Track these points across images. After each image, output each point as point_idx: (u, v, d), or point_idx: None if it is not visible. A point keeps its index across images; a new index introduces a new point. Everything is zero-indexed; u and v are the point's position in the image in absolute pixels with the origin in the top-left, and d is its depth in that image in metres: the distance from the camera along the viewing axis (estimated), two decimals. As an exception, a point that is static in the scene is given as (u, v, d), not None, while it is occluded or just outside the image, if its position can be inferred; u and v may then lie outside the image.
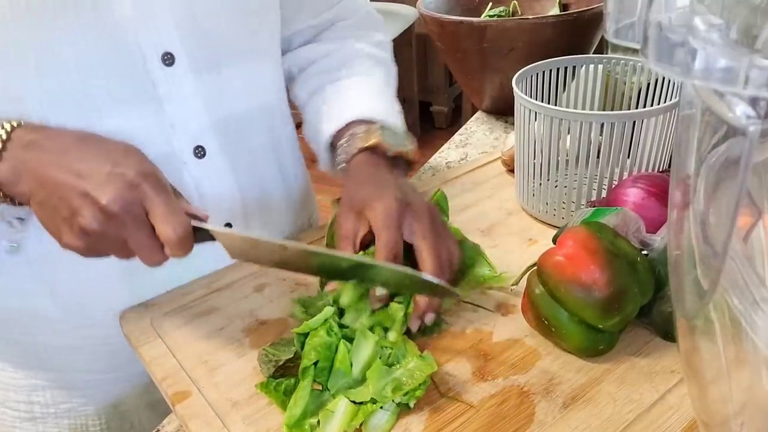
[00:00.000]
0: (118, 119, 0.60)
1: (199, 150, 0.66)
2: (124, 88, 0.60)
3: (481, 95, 1.17)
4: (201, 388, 0.57)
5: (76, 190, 0.49)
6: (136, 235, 0.51)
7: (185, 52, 0.62)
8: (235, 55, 0.67)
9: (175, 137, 0.64)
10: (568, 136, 0.71)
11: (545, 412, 0.53)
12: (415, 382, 0.52)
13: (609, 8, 0.32)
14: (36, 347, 0.72)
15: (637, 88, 0.83)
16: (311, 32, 0.81)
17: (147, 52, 0.60)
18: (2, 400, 0.75)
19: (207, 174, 0.68)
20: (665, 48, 0.26)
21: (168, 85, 0.62)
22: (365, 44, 0.81)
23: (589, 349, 0.56)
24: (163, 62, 0.61)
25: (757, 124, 0.25)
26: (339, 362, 0.54)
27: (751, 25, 0.31)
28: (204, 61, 0.64)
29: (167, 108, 0.63)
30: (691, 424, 0.50)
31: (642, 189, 0.66)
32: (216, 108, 0.66)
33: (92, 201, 0.49)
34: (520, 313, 0.61)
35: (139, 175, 0.50)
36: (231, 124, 0.68)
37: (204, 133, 0.66)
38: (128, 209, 0.49)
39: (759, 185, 0.32)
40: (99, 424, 0.77)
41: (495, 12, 1.23)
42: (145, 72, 0.60)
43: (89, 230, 0.49)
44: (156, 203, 0.50)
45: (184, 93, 0.63)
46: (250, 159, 0.72)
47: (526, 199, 0.80)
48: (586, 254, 0.54)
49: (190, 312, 0.67)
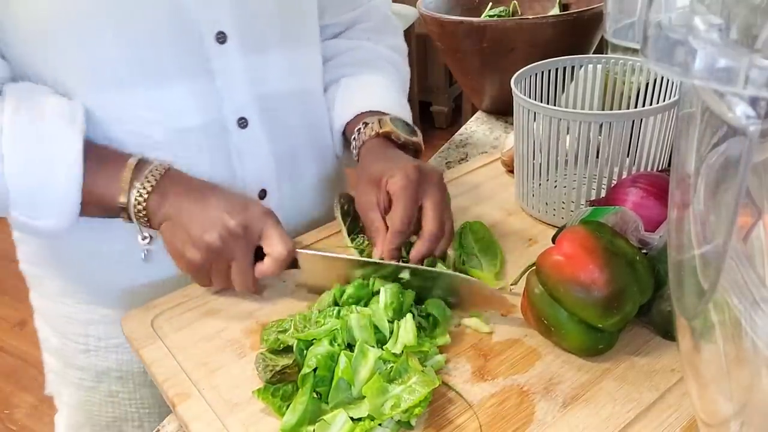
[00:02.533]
0: (177, 87, 0.67)
1: (242, 121, 0.73)
2: (183, 60, 0.67)
3: (481, 95, 1.17)
4: (201, 390, 0.57)
5: (213, 215, 0.63)
6: (242, 256, 0.63)
7: (236, 33, 0.69)
8: (279, 39, 0.73)
9: (223, 107, 0.71)
10: (567, 136, 0.71)
11: (545, 411, 0.53)
12: (416, 399, 0.50)
13: (609, 8, 0.32)
14: (94, 285, 0.78)
15: (636, 88, 0.83)
16: (335, 30, 0.88)
17: (204, 30, 0.67)
18: (64, 332, 0.82)
19: (247, 143, 0.74)
20: (665, 48, 0.26)
21: (219, 60, 0.69)
22: (382, 47, 0.88)
23: (589, 348, 0.56)
24: (216, 40, 0.68)
25: (757, 124, 0.25)
26: (340, 374, 0.53)
27: (751, 25, 0.31)
28: (252, 42, 0.70)
29: (217, 81, 0.69)
30: (691, 424, 0.50)
31: (641, 188, 0.66)
32: (259, 84, 0.73)
33: (224, 225, 0.62)
34: (520, 313, 0.61)
35: (264, 211, 0.65)
36: (272, 101, 0.75)
37: (247, 106, 0.72)
38: (248, 234, 0.63)
39: (759, 185, 0.32)
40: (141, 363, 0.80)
41: (495, 12, 1.23)
42: (202, 48, 0.67)
43: (212, 245, 0.62)
44: (275, 230, 0.64)
45: (233, 69, 0.70)
46: (287, 134, 0.78)
47: (525, 199, 0.80)
48: (585, 254, 0.54)
49: (191, 314, 0.67)
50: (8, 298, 2.41)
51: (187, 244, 0.63)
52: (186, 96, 0.68)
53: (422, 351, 0.56)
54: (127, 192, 0.64)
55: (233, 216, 0.63)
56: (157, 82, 0.66)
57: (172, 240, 0.64)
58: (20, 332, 2.28)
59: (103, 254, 0.74)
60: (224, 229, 0.62)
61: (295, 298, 0.68)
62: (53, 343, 0.84)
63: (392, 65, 0.88)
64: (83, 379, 0.83)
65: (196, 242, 0.62)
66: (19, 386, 2.05)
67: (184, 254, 0.63)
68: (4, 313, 2.36)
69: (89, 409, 0.85)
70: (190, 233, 0.63)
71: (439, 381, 0.53)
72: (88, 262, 0.76)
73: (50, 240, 0.76)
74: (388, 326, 0.58)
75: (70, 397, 0.86)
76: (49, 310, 0.83)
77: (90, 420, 0.86)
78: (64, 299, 0.80)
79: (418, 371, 0.53)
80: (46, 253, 0.78)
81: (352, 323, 0.56)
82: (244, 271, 0.64)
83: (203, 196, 0.65)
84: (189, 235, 0.63)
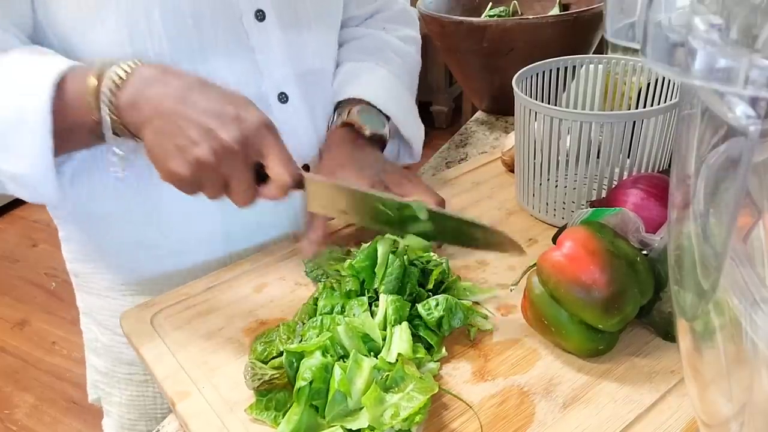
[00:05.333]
0: (219, 62, 0.70)
1: (282, 96, 0.75)
2: (225, 36, 0.69)
3: (481, 95, 1.17)
4: (201, 388, 0.57)
5: (200, 124, 0.55)
6: (241, 174, 0.57)
7: (274, 11, 0.72)
8: (312, 18, 0.77)
9: (263, 82, 0.74)
10: (568, 136, 0.71)
11: (545, 412, 0.53)
12: (415, 407, 0.49)
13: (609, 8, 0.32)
14: (139, 275, 0.79)
15: (637, 88, 0.83)
16: (357, 21, 0.92)
17: (244, 7, 0.70)
18: (112, 327, 0.82)
19: (288, 118, 0.76)
20: (665, 48, 0.26)
21: (259, 36, 0.72)
22: (394, 37, 0.91)
23: (589, 349, 0.56)
24: (256, 18, 0.71)
25: (757, 124, 0.25)
26: (336, 386, 0.51)
27: (751, 25, 0.31)
28: (288, 20, 0.74)
29: (258, 57, 0.72)
30: (691, 424, 0.50)
31: (642, 190, 0.66)
32: (297, 61, 0.76)
33: (215, 137, 0.55)
34: (520, 313, 0.61)
35: (262, 123, 0.57)
36: (309, 76, 0.78)
37: (287, 81, 0.75)
38: (246, 151, 0.56)
39: (759, 185, 0.32)
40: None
41: (495, 12, 1.23)
42: (242, 24, 0.70)
43: (203, 161, 0.55)
44: (276, 149, 0.58)
45: (271, 45, 0.73)
46: (325, 109, 0.81)
47: (526, 199, 0.80)
48: (586, 254, 0.54)
49: (191, 312, 0.67)
50: (8, 298, 2.42)
51: (173, 154, 0.55)
52: (227, 71, 0.70)
53: (417, 357, 0.56)
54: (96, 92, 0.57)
55: (227, 126, 0.55)
56: (199, 58, 0.68)
57: (154, 150, 0.57)
58: (20, 332, 2.28)
59: (146, 243, 0.76)
60: (217, 142, 0.55)
61: (295, 298, 0.68)
62: (102, 342, 0.85)
63: (399, 56, 0.90)
64: (134, 375, 0.84)
65: (185, 154, 0.55)
66: (19, 386, 2.06)
67: (170, 167, 0.56)
68: (4, 313, 2.37)
69: (142, 404, 0.86)
70: (176, 142, 0.55)
71: (438, 387, 0.52)
72: (131, 252, 0.78)
73: (96, 235, 0.78)
74: (381, 334, 0.57)
75: (122, 396, 0.86)
76: (96, 308, 0.84)
77: (144, 415, 0.86)
78: (110, 293, 0.81)
79: (416, 378, 0.52)
80: (92, 248, 0.80)
81: (340, 334, 0.55)
82: (244, 190, 0.58)
83: (186, 94, 0.56)
84: (174, 145, 0.55)
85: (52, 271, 2.50)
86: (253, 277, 0.72)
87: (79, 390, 1.98)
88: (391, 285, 0.60)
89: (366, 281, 0.62)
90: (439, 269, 0.64)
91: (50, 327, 2.28)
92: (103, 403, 0.91)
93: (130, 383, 0.85)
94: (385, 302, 0.59)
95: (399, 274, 0.60)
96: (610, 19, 0.32)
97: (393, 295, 0.60)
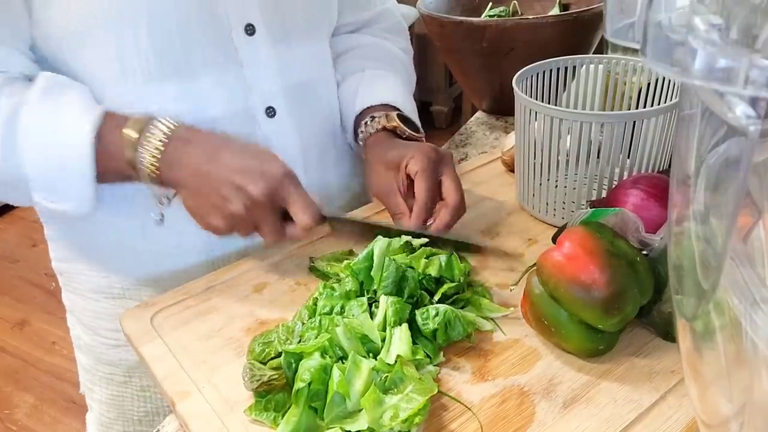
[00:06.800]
0: (207, 77, 0.70)
1: (270, 110, 0.76)
2: (213, 51, 0.70)
3: (481, 95, 1.17)
4: (201, 388, 0.57)
5: (232, 182, 0.62)
6: (269, 220, 0.64)
7: (264, 25, 0.72)
8: (303, 30, 0.77)
9: (251, 97, 0.74)
10: (568, 136, 0.71)
11: (545, 412, 0.53)
12: (414, 408, 0.49)
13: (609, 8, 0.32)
14: (123, 278, 0.80)
15: (637, 88, 0.83)
16: (351, 27, 0.92)
17: (233, 22, 0.70)
18: (95, 328, 0.84)
19: (275, 131, 0.77)
20: (665, 48, 0.26)
21: (248, 51, 0.72)
22: (396, 48, 0.93)
23: (589, 349, 0.56)
24: (245, 32, 0.71)
25: (757, 124, 0.25)
26: (335, 388, 0.51)
27: (751, 25, 0.31)
28: (278, 34, 0.74)
29: (246, 71, 0.72)
30: (691, 424, 0.50)
31: (642, 190, 0.66)
32: (286, 75, 0.76)
33: (245, 192, 0.62)
34: (520, 313, 0.61)
35: (284, 174, 0.63)
36: (298, 90, 0.78)
37: (275, 96, 0.76)
38: (272, 200, 0.63)
39: (759, 185, 0.32)
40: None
41: (495, 12, 1.23)
42: (231, 40, 0.71)
43: (236, 214, 0.62)
44: (297, 197, 0.64)
45: (260, 59, 0.73)
46: (312, 122, 0.81)
47: (526, 199, 0.80)
48: (586, 254, 0.54)
49: (190, 312, 0.67)
50: (8, 298, 2.42)
51: (210, 211, 0.64)
52: (214, 86, 0.71)
53: (416, 359, 0.55)
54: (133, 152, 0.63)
55: (255, 181, 0.62)
56: (187, 73, 0.68)
57: (193, 206, 0.65)
58: (20, 332, 2.28)
59: (132, 246, 0.76)
60: (247, 196, 0.62)
61: (295, 298, 0.68)
62: (84, 341, 0.86)
63: (403, 66, 0.92)
64: (114, 375, 0.85)
65: (221, 210, 0.63)
66: (19, 386, 2.06)
67: (208, 221, 0.64)
68: (4, 313, 2.37)
69: (121, 405, 0.87)
70: (212, 201, 0.63)
71: (437, 388, 0.52)
72: (114, 256, 0.78)
73: (79, 237, 0.79)
74: (380, 335, 0.57)
75: (102, 394, 0.87)
76: (79, 307, 0.85)
77: (122, 415, 0.87)
78: (93, 295, 0.82)
79: (415, 379, 0.52)
80: (76, 250, 0.81)
81: (339, 335, 0.55)
82: (271, 232, 0.65)
83: (216, 154, 0.63)
84: (211, 204, 0.63)
85: (52, 271, 2.49)
86: (253, 277, 0.72)
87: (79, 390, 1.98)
88: (388, 288, 0.60)
89: (365, 282, 0.63)
90: (449, 285, 0.62)
91: (50, 327, 2.28)
92: (87, 398, 0.91)
93: (111, 383, 0.85)
94: (386, 303, 0.59)
95: (396, 277, 0.60)
96: (610, 19, 0.32)
97: (393, 297, 0.60)
